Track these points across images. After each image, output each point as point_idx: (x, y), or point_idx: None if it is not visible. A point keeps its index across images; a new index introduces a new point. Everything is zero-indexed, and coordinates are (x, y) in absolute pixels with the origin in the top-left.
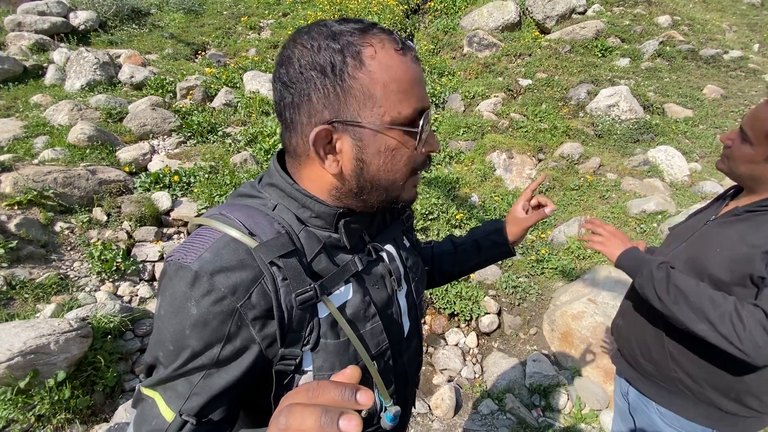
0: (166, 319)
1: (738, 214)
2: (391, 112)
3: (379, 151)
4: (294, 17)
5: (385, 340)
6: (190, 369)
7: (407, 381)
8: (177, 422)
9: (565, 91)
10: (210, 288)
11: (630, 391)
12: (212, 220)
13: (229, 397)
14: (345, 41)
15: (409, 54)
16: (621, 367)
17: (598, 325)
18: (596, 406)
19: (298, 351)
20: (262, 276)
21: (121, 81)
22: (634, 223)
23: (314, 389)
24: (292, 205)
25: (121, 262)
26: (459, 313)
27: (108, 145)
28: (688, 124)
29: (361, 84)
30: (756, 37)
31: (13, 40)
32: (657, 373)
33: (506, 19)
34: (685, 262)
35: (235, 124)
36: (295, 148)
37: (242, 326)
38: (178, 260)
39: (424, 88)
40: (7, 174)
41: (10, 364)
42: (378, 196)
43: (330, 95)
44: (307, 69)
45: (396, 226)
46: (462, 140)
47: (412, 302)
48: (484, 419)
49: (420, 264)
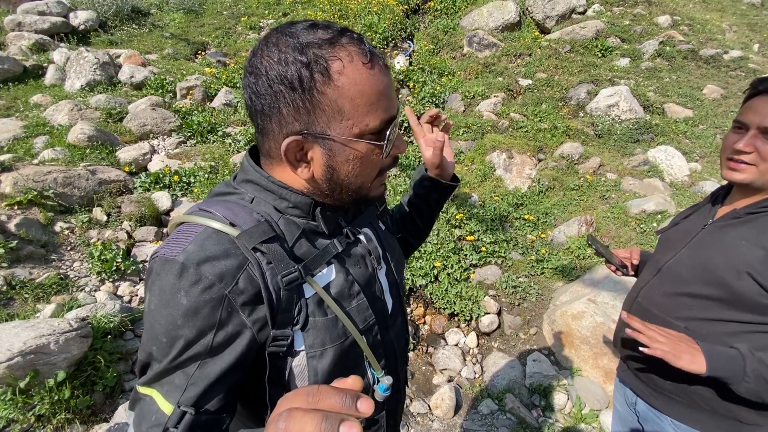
0: (157, 312)
1: (739, 216)
2: (359, 124)
3: (347, 159)
4: (294, 17)
5: (371, 315)
6: (185, 359)
7: (396, 357)
8: (176, 414)
9: (565, 91)
10: (198, 277)
11: (639, 403)
12: (192, 216)
13: (225, 385)
14: (312, 54)
15: (377, 66)
16: (629, 381)
17: (598, 325)
18: (596, 406)
19: (289, 331)
20: (247, 262)
21: (121, 81)
22: (634, 223)
23: (315, 394)
24: (269, 197)
25: (121, 262)
26: (459, 313)
27: (108, 145)
28: (688, 124)
29: (329, 99)
30: (756, 37)
31: (13, 40)
32: (672, 387)
33: (506, 19)
34: (690, 269)
35: (235, 124)
36: (268, 151)
37: (233, 312)
38: (163, 255)
39: (392, 97)
40: (7, 174)
41: (10, 364)
42: (348, 196)
43: (300, 109)
44: (275, 83)
45: (370, 211)
46: (462, 140)
47: (393, 280)
48: (484, 419)
49: (397, 245)
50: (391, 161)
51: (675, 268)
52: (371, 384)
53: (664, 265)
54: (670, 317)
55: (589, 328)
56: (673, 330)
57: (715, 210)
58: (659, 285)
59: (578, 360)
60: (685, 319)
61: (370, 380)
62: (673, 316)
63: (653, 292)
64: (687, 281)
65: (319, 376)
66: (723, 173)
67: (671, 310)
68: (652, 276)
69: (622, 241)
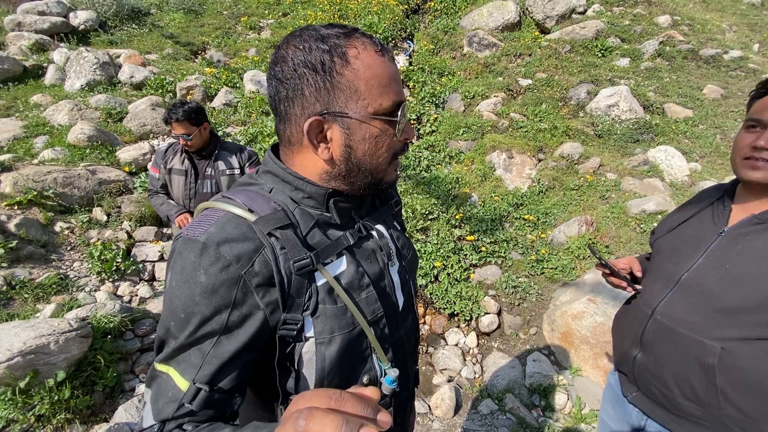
0: (177, 289)
1: (763, 221)
2: (374, 104)
3: (364, 138)
4: (294, 17)
5: (380, 308)
6: (200, 336)
7: (406, 355)
8: (192, 390)
9: (565, 91)
10: (217, 257)
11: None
12: (216, 203)
13: (239, 365)
14: (332, 43)
15: (386, 55)
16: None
17: (598, 325)
18: (596, 406)
19: (299, 316)
20: (263, 247)
21: (121, 81)
22: (634, 223)
23: (337, 398)
24: (286, 188)
25: (121, 262)
26: (459, 313)
27: (108, 145)
28: (688, 124)
29: (347, 79)
30: (756, 37)
31: (13, 40)
32: (701, 413)
33: (506, 19)
34: (719, 283)
35: (235, 124)
36: (289, 137)
37: (247, 293)
38: (186, 235)
39: (401, 85)
40: (7, 174)
41: (10, 364)
42: (363, 179)
43: (321, 90)
44: (300, 67)
45: (385, 210)
46: (462, 140)
47: (405, 278)
48: (484, 419)
49: (411, 245)
50: (402, 145)
51: (700, 281)
52: (378, 376)
53: (682, 277)
54: (703, 337)
55: (589, 328)
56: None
57: (726, 214)
58: (682, 301)
59: (578, 360)
60: (721, 339)
61: (377, 372)
62: (707, 336)
63: (676, 309)
64: (720, 297)
65: (326, 362)
66: (742, 173)
67: (704, 329)
68: (669, 290)
69: (622, 241)
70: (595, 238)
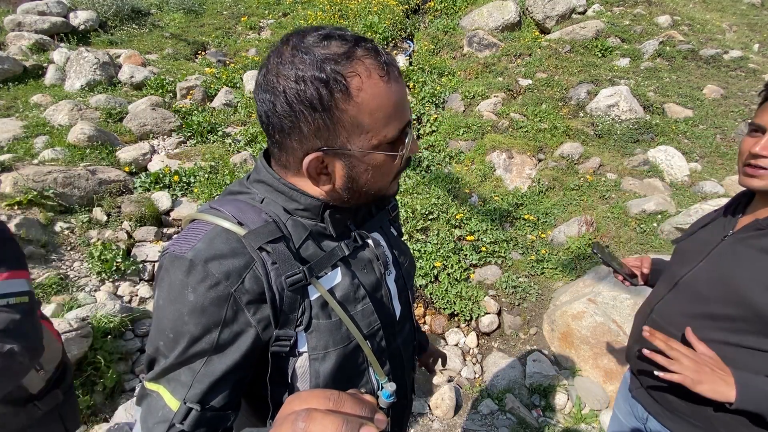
0: (165, 308)
1: (762, 227)
2: (378, 136)
3: (366, 168)
4: (294, 17)
5: (376, 320)
6: (190, 356)
7: (403, 364)
8: (182, 410)
9: (565, 91)
10: (205, 275)
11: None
12: (204, 214)
13: (230, 383)
14: (330, 71)
15: (392, 76)
16: (643, 399)
17: (598, 325)
18: (596, 406)
19: (292, 332)
20: (253, 262)
21: (121, 81)
22: (634, 223)
23: (335, 398)
24: (279, 198)
25: (121, 262)
26: (459, 313)
27: (108, 145)
28: (688, 124)
29: (349, 115)
30: (756, 37)
31: (13, 40)
32: (691, 412)
33: (506, 19)
34: (709, 285)
35: (235, 124)
36: (285, 164)
37: (238, 311)
38: (173, 252)
39: (407, 104)
40: (7, 174)
41: None
42: (366, 199)
43: (321, 128)
44: (295, 103)
45: (382, 216)
46: (462, 140)
47: (402, 286)
48: (484, 419)
49: (408, 251)
50: (405, 163)
51: (693, 284)
52: (375, 390)
53: (681, 279)
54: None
55: (589, 328)
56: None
57: (736, 220)
58: (676, 302)
59: (578, 360)
60: (708, 341)
61: (373, 386)
62: None
63: (670, 310)
64: (707, 300)
65: (320, 378)
66: (740, 180)
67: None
68: (668, 291)
69: (622, 241)
70: (595, 238)
